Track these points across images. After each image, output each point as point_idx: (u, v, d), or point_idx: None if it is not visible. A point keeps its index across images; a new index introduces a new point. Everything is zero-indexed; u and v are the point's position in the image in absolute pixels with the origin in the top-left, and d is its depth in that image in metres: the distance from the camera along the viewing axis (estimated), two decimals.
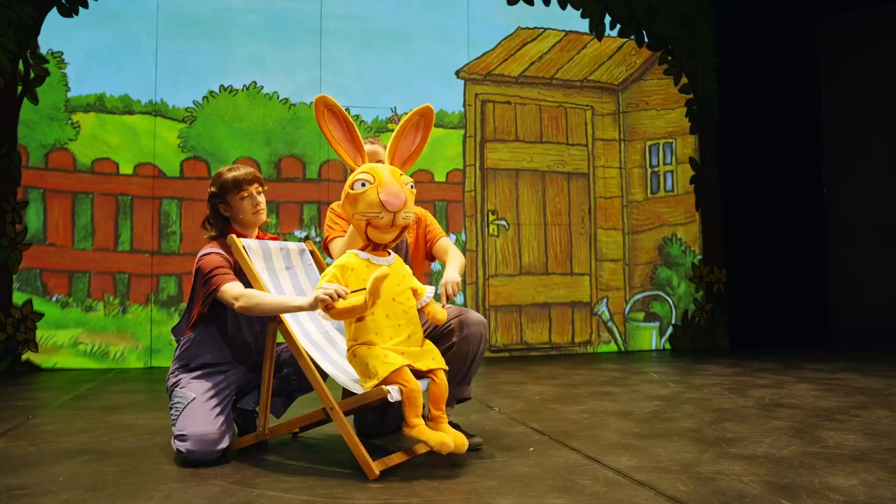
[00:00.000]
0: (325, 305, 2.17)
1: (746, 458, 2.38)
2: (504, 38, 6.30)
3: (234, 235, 2.55)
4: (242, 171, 2.64)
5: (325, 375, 2.47)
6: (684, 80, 6.72)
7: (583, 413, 3.31)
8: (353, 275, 2.31)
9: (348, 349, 2.33)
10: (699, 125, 6.72)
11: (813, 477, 2.13)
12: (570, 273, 6.29)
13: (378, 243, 2.36)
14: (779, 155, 6.79)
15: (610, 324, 6.35)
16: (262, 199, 2.67)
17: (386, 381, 2.23)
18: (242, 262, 2.53)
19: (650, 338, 6.46)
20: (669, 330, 6.51)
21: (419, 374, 2.35)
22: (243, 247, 2.56)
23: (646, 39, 6.64)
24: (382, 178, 2.27)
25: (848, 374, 4.55)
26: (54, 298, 5.29)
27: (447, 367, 2.43)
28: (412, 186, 2.35)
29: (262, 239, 2.74)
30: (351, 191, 2.30)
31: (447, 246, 2.82)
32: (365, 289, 2.14)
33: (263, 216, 2.69)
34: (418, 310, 2.46)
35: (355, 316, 2.23)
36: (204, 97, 5.66)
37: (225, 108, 5.70)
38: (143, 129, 5.51)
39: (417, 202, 3.01)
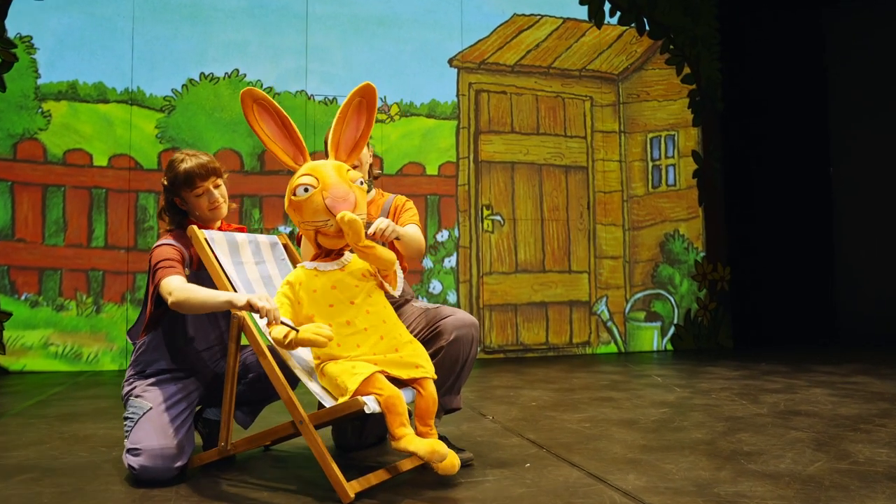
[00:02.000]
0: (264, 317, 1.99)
1: (769, 476, 2.12)
2: (499, 25, 6.03)
3: (195, 227, 2.28)
4: (194, 162, 2.33)
5: (294, 382, 2.21)
6: (687, 69, 6.46)
7: (583, 422, 3.05)
8: (302, 289, 2.09)
9: (316, 367, 2.09)
10: (702, 117, 6.46)
11: (849, 501, 1.87)
12: (567, 271, 6.02)
13: (332, 249, 2.11)
14: (784, 148, 6.57)
15: (609, 324, 6.10)
16: (219, 192, 2.37)
17: (358, 394, 1.97)
18: (204, 257, 2.26)
19: (651, 338, 6.20)
20: (671, 330, 6.26)
21: (401, 384, 2.09)
22: (205, 239, 2.29)
23: (647, 27, 6.38)
24: (327, 180, 2.02)
25: (862, 377, 4.30)
26: (23, 297, 5.00)
27: (436, 376, 2.16)
28: (362, 183, 2.09)
29: (227, 230, 2.46)
30: (293, 197, 2.05)
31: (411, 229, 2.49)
32: (295, 329, 1.94)
33: (222, 212, 2.40)
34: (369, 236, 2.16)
35: (279, 346, 2.00)
36: (183, 85, 5.38)
37: (205, 97, 5.42)
38: (118, 118, 5.23)
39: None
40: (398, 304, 2.53)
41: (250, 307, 2.01)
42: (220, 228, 2.45)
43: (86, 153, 5.16)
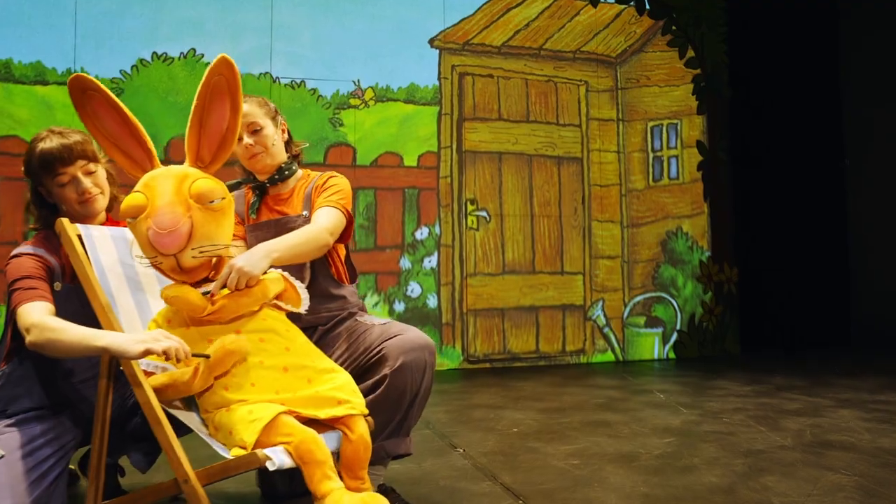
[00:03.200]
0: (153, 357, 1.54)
1: None
2: (485, 3, 5.50)
3: (65, 220, 1.76)
4: (56, 142, 1.82)
5: (182, 429, 1.69)
6: (690, 52, 5.94)
7: (572, 457, 2.52)
8: (172, 326, 1.64)
9: (207, 421, 1.60)
10: (707, 104, 5.94)
11: None
12: (560, 272, 5.50)
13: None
14: (796, 138, 6.07)
15: (606, 330, 5.57)
16: (92, 181, 1.86)
17: (260, 447, 1.47)
18: (74, 260, 1.74)
19: (652, 345, 5.68)
20: (674, 336, 5.74)
21: (321, 426, 1.60)
22: (79, 236, 1.77)
23: (647, 6, 5.86)
24: (154, 202, 1.55)
25: (893, 393, 3.78)
26: None
27: (367, 411, 1.65)
28: (216, 202, 1.59)
29: (116, 226, 1.94)
30: (128, 221, 1.60)
31: (314, 219, 1.92)
32: (206, 356, 1.52)
33: (97, 206, 1.89)
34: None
35: (178, 395, 1.59)
36: (133, 66, 4.86)
37: (158, 80, 4.89)
38: (58, 101, 4.69)
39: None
40: (339, 319, 2.02)
41: (147, 354, 1.51)
42: (104, 225, 1.93)
43: (21, 140, 4.63)
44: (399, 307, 5.14)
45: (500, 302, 5.36)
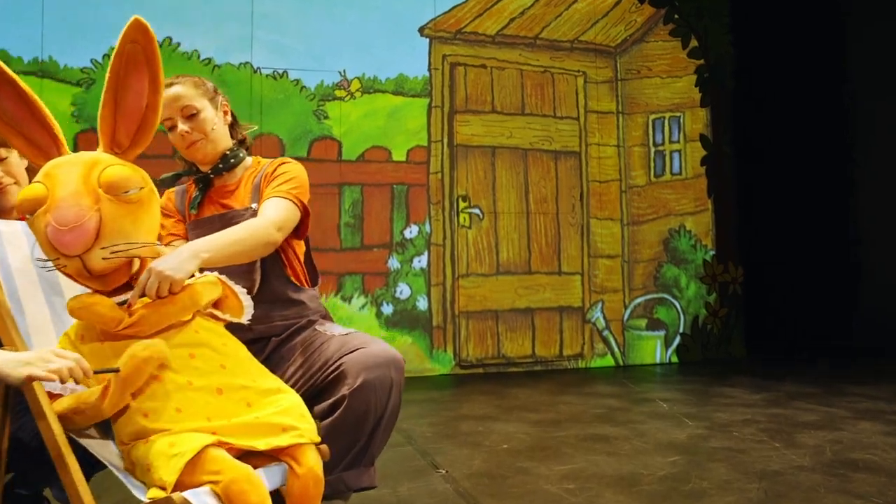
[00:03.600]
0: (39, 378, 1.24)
1: None
2: None
3: None
4: None
5: (94, 467, 1.43)
6: (694, 42, 5.68)
7: (566, 480, 2.26)
8: (85, 343, 1.37)
9: (124, 454, 1.34)
10: (711, 96, 5.68)
11: None
12: (557, 272, 5.24)
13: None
14: (803, 131, 5.85)
15: (606, 333, 5.31)
16: (1, 171, 1.64)
17: (181, 487, 1.21)
18: None
19: (654, 349, 5.42)
20: (676, 340, 5.48)
21: (263, 458, 1.34)
22: None
23: None
24: (55, 193, 1.29)
25: None
26: None
27: (318, 439, 1.39)
28: (132, 192, 1.32)
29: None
30: (27, 217, 1.34)
31: (260, 212, 1.66)
32: (115, 370, 1.25)
33: (11, 197, 1.70)
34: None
35: (88, 422, 1.31)
36: (105, 55, 4.61)
37: None
38: None
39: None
40: (296, 329, 1.75)
41: (31, 380, 1.25)
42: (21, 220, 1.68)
43: None
44: (387, 309, 4.88)
45: (494, 304, 5.09)
